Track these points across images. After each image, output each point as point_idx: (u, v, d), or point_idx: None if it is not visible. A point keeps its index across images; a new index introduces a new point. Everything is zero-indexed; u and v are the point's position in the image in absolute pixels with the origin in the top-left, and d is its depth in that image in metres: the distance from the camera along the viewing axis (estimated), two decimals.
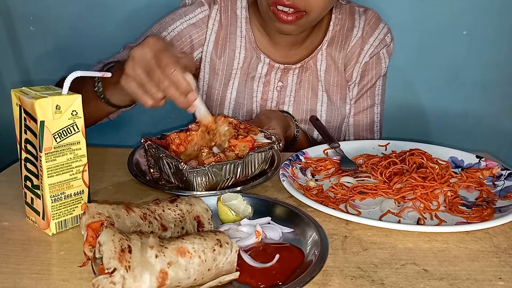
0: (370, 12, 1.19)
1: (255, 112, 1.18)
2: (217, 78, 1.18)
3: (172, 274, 0.51)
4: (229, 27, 1.16)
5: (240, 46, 1.16)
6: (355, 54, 1.18)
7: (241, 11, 1.16)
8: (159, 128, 1.65)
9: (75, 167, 0.68)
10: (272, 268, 0.57)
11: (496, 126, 1.63)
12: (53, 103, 0.64)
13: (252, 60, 1.16)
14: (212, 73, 1.18)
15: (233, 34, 1.16)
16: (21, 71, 1.57)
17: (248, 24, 1.16)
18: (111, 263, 0.48)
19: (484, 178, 0.88)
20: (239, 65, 1.17)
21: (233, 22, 1.16)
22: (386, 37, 1.19)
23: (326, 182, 0.87)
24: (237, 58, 1.17)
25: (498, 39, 1.53)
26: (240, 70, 1.17)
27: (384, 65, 1.20)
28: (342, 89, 1.19)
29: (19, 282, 0.56)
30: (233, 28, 1.16)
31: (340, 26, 1.18)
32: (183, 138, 0.84)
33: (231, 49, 1.16)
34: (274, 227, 0.67)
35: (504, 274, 0.60)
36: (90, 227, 0.57)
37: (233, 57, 1.17)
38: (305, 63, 1.17)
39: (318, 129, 1.11)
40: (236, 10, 1.16)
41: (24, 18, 1.51)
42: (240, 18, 1.16)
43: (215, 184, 0.80)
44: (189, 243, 0.53)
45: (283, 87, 1.17)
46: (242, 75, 1.17)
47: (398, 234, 0.69)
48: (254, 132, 0.88)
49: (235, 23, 1.16)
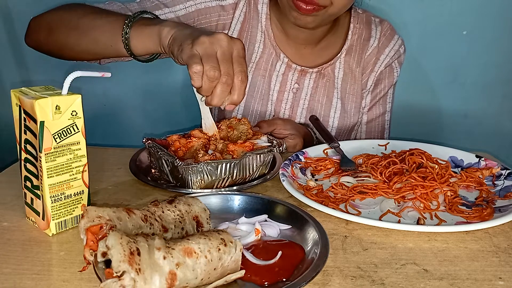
0: (386, 23, 1.22)
1: (269, 111, 1.19)
2: None
3: (181, 275, 0.51)
4: (251, 21, 1.17)
5: (259, 41, 1.18)
6: (371, 63, 1.21)
7: (262, 6, 1.17)
8: (159, 128, 1.65)
9: (75, 168, 0.68)
10: (275, 265, 0.58)
11: (496, 126, 1.63)
12: (53, 103, 0.64)
13: (271, 57, 1.18)
14: None
15: (255, 28, 1.17)
16: (21, 71, 1.57)
17: (268, 21, 1.17)
18: (121, 266, 0.48)
19: (484, 177, 0.88)
20: (256, 59, 1.18)
21: (255, 16, 1.17)
22: (400, 48, 1.23)
23: (326, 182, 0.87)
24: (255, 53, 1.18)
25: (498, 39, 1.53)
26: (255, 64, 1.18)
27: (396, 74, 1.24)
28: (357, 98, 1.21)
29: (19, 282, 0.56)
30: (255, 22, 1.17)
31: (358, 35, 1.21)
32: (183, 143, 0.85)
33: (251, 43, 1.18)
34: (272, 225, 0.67)
35: (504, 274, 0.60)
36: (90, 230, 0.57)
37: (252, 51, 1.18)
38: (323, 69, 1.18)
39: (318, 129, 1.11)
40: (258, 5, 1.18)
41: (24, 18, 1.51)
42: (261, 13, 1.17)
43: (211, 183, 0.80)
44: (194, 243, 0.53)
45: (298, 89, 1.18)
46: (256, 70, 1.18)
47: (398, 234, 0.69)
48: (257, 137, 0.88)
49: (257, 18, 1.17)
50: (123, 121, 1.64)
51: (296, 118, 1.19)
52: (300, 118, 1.20)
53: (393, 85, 1.25)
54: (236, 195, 0.74)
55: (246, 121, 0.92)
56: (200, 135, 0.87)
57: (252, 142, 0.85)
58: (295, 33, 1.16)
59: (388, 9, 1.45)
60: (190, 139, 0.86)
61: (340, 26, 1.20)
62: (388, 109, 1.27)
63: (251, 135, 0.90)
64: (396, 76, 1.24)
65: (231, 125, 0.92)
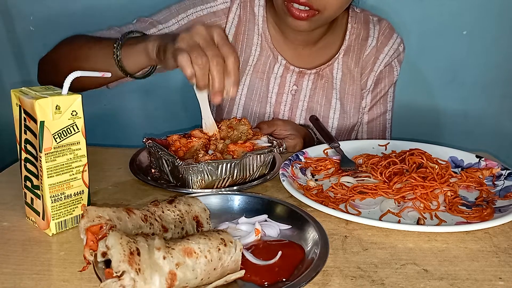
0: (384, 22, 1.22)
1: (268, 113, 1.19)
2: None
3: (181, 275, 0.51)
4: (247, 24, 1.17)
5: (256, 44, 1.18)
6: (370, 62, 1.21)
7: (258, 9, 1.17)
8: (159, 128, 1.65)
9: (75, 167, 0.68)
10: (275, 265, 0.58)
11: (496, 126, 1.63)
12: (53, 103, 0.64)
13: (268, 59, 1.18)
14: None
15: (251, 31, 1.18)
16: (21, 71, 1.57)
17: (265, 23, 1.17)
18: (121, 266, 0.48)
19: (484, 178, 0.88)
20: (253, 62, 1.18)
21: (251, 19, 1.18)
22: (400, 47, 1.22)
23: (326, 182, 0.87)
24: (252, 55, 1.18)
25: (497, 39, 1.53)
26: (253, 67, 1.18)
27: (396, 73, 1.24)
28: (356, 98, 1.21)
29: (19, 282, 0.56)
30: (251, 25, 1.18)
31: (356, 35, 1.20)
32: (184, 143, 0.85)
33: (247, 46, 1.18)
34: (272, 225, 0.67)
35: (504, 274, 0.60)
36: (90, 230, 0.57)
37: (249, 54, 1.18)
38: (321, 70, 1.18)
39: (318, 129, 1.11)
40: (254, 8, 1.18)
41: (24, 18, 1.51)
42: (258, 16, 1.17)
43: (211, 183, 0.80)
44: (194, 243, 0.53)
45: (297, 91, 1.18)
46: (254, 73, 1.18)
47: (398, 234, 0.69)
48: (257, 137, 0.88)
49: (253, 20, 1.18)
50: (123, 121, 1.64)
51: (295, 119, 1.19)
52: (299, 119, 1.20)
53: (393, 84, 1.25)
54: (236, 195, 0.74)
55: (246, 121, 0.92)
56: (201, 135, 0.87)
57: (252, 142, 0.86)
58: (293, 35, 1.16)
59: (387, 8, 1.45)
60: (191, 139, 0.86)
61: (338, 26, 1.20)
62: (389, 108, 1.26)
63: (251, 136, 0.90)
64: (396, 75, 1.24)
65: (231, 125, 0.92)
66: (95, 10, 1.47)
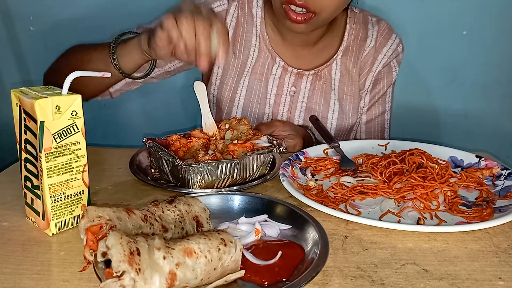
0: (383, 23, 1.22)
1: (267, 114, 1.19)
2: (230, 74, 1.19)
3: (181, 275, 0.51)
4: (245, 25, 1.18)
5: (254, 45, 1.18)
6: (368, 63, 1.20)
7: (256, 10, 1.18)
8: (159, 128, 1.65)
9: (75, 167, 0.68)
10: (275, 265, 0.58)
11: (496, 126, 1.63)
12: (53, 103, 0.64)
13: (267, 61, 1.18)
14: (226, 69, 1.19)
15: (249, 32, 1.18)
16: (21, 71, 1.57)
17: (263, 25, 1.17)
18: (121, 266, 0.48)
19: (484, 177, 0.88)
20: (252, 63, 1.18)
21: (249, 21, 1.18)
22: (398, 47, 1.22)
23: (326, 182, 0.87)
24: (250, 57, 1.18)
25: (497, 39, 1.53)
26: (251, 69, 1.18)
27: (394, 74, 1.24)
28: (355, 99, 1.21)
29: (19, 282, 0.56)
30: (250, 27, 1.18)
31: (354, 36, 1.20)
32: (184, 143, 0.85)
33: (246, 47, 1.18)
34: (272, 225, 0.67)
35: (504, 274, 0.60)
36: (90, 230, 0.57)
37: (247, 55, 1.18)
38: (319, 71, 1.18)
39: (318, 129, 1.11)
40: (252, 9, 1.18)
41: (24, 18, 1.51)
42: (256, 17, 1.17)
43: (211, 183, 0.80)
44: (194, 243, 0.53)
45: (296, 92, 1.18)
46: (252, 74, 1.18)
47: (398, 234, 0.69)
48: (257, 137, 0.88)
49: (251, 22, 1.18)
50: (123, 121, 1.64)
51: (294, 120, 1.19)
52: (298, 120, 1.19)
53: (392, 85, 1.25)
54: (236, 195, 0.74)
55: (246, 121, 0.92)
56: (201, 135, 0.88)
57: (252, 142, 0.86)
58: (291, 36, 1.16)
59: (387, 8, 1.45)
60: (191, 139, 0.86)
61: (337, 26, 1.20)
62: (388, 108, 1.26)
63: (251, 136, 0.90)
64: (395, 75, 1.24)
65: (231, 125, 0.92)
66: (95, 10, 1.47)
